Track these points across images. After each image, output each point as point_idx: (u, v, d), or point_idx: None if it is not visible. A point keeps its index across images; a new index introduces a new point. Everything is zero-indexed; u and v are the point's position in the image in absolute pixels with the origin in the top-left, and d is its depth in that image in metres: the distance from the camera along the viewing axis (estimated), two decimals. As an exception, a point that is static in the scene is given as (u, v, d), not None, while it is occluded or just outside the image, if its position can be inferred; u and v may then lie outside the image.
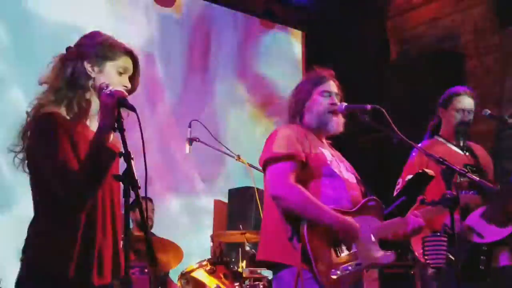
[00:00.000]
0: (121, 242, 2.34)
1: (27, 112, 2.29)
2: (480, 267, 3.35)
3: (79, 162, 2.19)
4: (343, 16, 6.87)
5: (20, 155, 2.28)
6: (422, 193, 3.29)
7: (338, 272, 2.60)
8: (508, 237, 3.45)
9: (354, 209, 2.76)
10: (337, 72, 3.06)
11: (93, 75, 2.31)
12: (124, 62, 2.35)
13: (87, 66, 2.30)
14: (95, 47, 2.33)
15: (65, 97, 2.27)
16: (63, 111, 2.25)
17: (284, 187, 2.67)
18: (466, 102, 3.69)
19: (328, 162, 2.82)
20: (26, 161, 2.27)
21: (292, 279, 2.63)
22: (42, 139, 2.21)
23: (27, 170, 2.29)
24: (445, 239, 3.19)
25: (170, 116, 6.23)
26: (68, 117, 2.25)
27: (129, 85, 2.35)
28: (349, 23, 6.86)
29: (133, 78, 2.39)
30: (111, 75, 2.31)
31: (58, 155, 2.16)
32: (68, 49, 2.36)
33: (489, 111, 3.69)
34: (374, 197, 2.84)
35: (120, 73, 2.34)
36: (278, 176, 2.70)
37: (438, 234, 3.27)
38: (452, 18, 6.58)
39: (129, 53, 2.37)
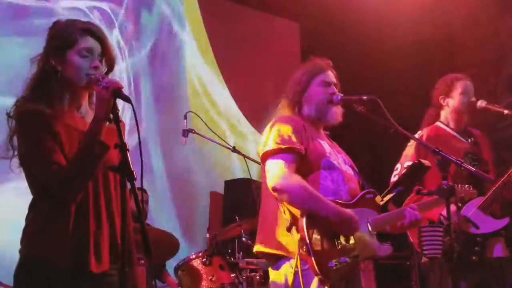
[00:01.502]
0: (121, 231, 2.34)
1: (7, 114, 2.29)
2: (474, 258, 3.35)
3: (64, 155, 2.20)
4: (338, 7, 6.85)
5: (15, 159, 2.29)
6: (419, 184, 3.30)
7: (336, 264, 2.60)
8: (503, 229, 3.45)
9: (352, 201, 2.76)
10: (333, 63, 3.05)
11: (59, 68, 2.29)
12: (85, 43, 2.30)
13: (52, 61, 2.29)
14: (53, 40, 2.31)
15: (42, 94, 2.27)
16: (42, 106, 2.24)
17: (283, 179, 2.67)
18: (468, 84, 3.68)
19: (327, 154, 2.81)
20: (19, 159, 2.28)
21: (290, 270, 2.63)
22: (23, 138, 2.23)
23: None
24: (441, 229, 3.20)
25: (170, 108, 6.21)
26: (48, 110, 2.24)
27: (98, 65, 2.30)
28: (344, 14, 6.84)
29: (104, 55, 2.34)
30: (76, 62, 2.28)
31: (41, 151, 2.18)
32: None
33: (485, 102, 3.68)
34: (372, 190, 2.84)
35: (85, 56, 2.29)
36: (278, 168, 2.69)
37: (435, 224, 3.28)
38: (447, 7, 6.57)
39: (89, 31, 2.32)
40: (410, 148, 3.57)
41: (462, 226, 3.32)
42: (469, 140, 3.65)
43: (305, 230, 2.60)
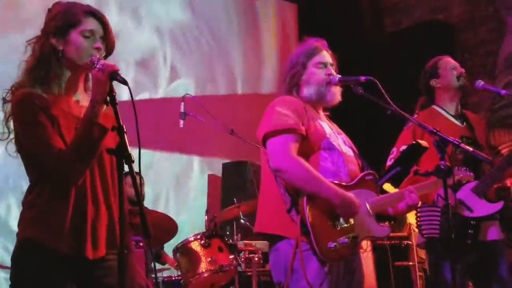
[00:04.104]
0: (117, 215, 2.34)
1: (3, 98, 2.28)
2: (468, 241, 3.37)
3: (62, 138, 2.19)
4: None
5: (11, 142, 2.28)
6: (416, 164, 3.30)
7: (336, 245, 2.61)
8: (498, 212, 3.46)
9: (352, 183, 2.76)
10: (331, 44, 3.03)
11: (60, 47, 2.28)
12: (88, 24, 2.30)
13: (53, 41, 2.28)
14: (55, 19, 2.30)
15: (38, 77, 2.26)
16: (38, 90, 2.23)
17: (285, 159, 2.66)
18: (451, 60, 3.70)
19: (327, 135, 2.80)
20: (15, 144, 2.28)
21: (290, 251, 2.64)
22: (21, 121, 2.21)
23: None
24: (439, 209, 3.21)
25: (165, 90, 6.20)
26: (45, 95, 2.23)
27: (101, 46, 2.30)
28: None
29: (105, 38, 2.34)
30: (78, 42, 2.28)
31: (40, 135, 2.17)
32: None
33: (482, 82, 3.66)
34: (372, 171, 2.84)
35: (87, 37, 2.29)
36: (280, 149, 2.69)
37: (431, 204, 3.29)
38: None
39: (92, 14, 2.32)
40: (406, 131, 3.56)
41: (456, 209, 3.33)
42: (464, 124, 3.64)
43: (305, 211, 2.61)
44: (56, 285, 2.20)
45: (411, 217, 3.48)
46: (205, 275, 4.21)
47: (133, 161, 2.03)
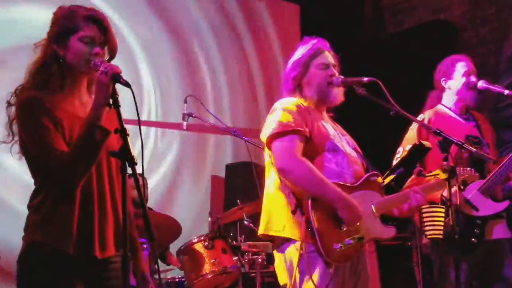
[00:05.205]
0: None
1: (8, 101, 2.30)
2: (473, 240, 3.36)
3: (65, 141, 2.20)
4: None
5: (15, 144, 2.29)
6: (420, 165, 3.29)
7: (341, 246, 2.60)
8: (504, 211, 3.45)
9: (356, 184, 2.75)
10: (333, 45, 3.02)
11: (61, 53, 2.29)
12: (87, 31, 2.30)
13: (54, 46, 2.30)
14: (56, 26, 2.31)
15: (41, 80, 2.27)
16: (42, 93, 2.24)
17: (290, 161, 2.66)
18: (469, 65, 3.66)
19: (331, 136, 2.79)
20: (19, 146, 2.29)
21: (295, 252, 2.63)
22: (24, 124, 2.23)
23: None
24: (443, 210, 3.21)
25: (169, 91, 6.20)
26: (48, 98, 2.24)
27: (99, 51, 2.30)
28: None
29: (106, 43, 2.34)
30: (77, 48, 2.29)
31: (43, 138, 2.18)
32: None
33: (485, 82, 3.65)
34: (376, 172, 2.84)
35: (86, 43, 2.29)
36: (284, 150, 2.68)
37: (436, 205, 3.28)
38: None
39: (92, 19, 2.32)
40: (412, 132, 3.55)
41: (462, 208, 3.32)
42: (471, 123, 3.63)
43: (310, 212, 2.60)
44: (65, 286, 2.21)
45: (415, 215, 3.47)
46: (209, 276, 4.21)
47: (136, 164, 2.03)
